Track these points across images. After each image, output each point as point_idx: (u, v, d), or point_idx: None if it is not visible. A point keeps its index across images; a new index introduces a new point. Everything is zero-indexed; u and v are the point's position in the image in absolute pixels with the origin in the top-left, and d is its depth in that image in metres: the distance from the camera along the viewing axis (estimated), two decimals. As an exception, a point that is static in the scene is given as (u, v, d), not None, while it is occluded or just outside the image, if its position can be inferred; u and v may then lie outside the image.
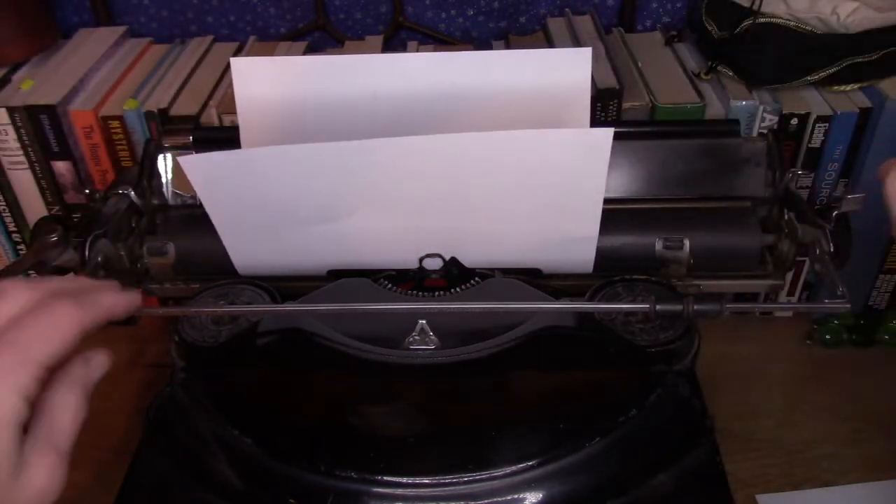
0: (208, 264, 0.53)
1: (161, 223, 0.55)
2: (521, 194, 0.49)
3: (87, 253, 0.49)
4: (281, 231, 0.51)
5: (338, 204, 0.50)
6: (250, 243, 0.52)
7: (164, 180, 0.55)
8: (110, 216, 0.52)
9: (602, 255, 0.51)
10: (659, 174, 0.54)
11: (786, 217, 0.49)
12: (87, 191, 0.54)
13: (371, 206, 0.50)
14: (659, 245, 0.51)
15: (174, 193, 0.56)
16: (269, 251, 0.52)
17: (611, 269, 0.51)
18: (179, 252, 0.53)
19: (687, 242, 0.51)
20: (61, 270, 0.52)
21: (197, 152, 0.55)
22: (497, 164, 0.47)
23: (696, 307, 0.43)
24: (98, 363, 0.36)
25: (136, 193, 0.52)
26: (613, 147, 0.53)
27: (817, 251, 0.45)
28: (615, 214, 0.51)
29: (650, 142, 0.54)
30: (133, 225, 0.54)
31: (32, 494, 0.32)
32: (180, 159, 0.47)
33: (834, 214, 0.46)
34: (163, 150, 0.55)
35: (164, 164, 0.55)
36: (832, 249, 0.44)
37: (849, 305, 0.44)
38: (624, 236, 0.51)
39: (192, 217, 0.54)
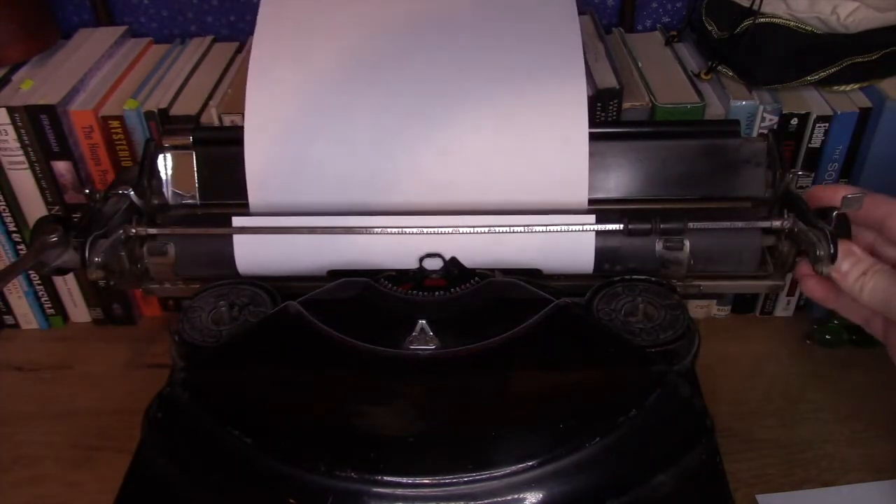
0: (208, 264, 0.53)
1: (161, 223, 0.54)
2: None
3: (87, 253, 0.49)
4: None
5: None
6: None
7: (164, 180, 0.55)
8: (110, 216, 0.51)
9: (602, 256, 0.51)
10: (659, 174, 0.54)
11: (786, 218, 0.49)
12: (87, 191, 0.54)
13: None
14: (659, 245, 0.51)
15: (174, 193, 0.56)
16: (272, 247, 0.52)
17: (611, 270, 0.51)
18: (179, 252, 0.53)
19: (687, 243, 0.51)
20: (61, 271, 0.52)
21: (197, 152, 0.55)
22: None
23: (662, 226, 0.50)
24: None
25: (136, 193, 0.52)
26: (614, 147, 0.54)
27: (818, 252, 0.45)
28: (615, 215, 0.51)
29: (650, 142, 0.54)
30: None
31: None
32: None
33: (834, 214, 0.46)
34: (163, 150, 0.55)
35: (164, 164, 0.55)
36: (833, 251, 0.44)
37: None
38: (624, 237, 0.51)
39: (192, 216, 0.55)
